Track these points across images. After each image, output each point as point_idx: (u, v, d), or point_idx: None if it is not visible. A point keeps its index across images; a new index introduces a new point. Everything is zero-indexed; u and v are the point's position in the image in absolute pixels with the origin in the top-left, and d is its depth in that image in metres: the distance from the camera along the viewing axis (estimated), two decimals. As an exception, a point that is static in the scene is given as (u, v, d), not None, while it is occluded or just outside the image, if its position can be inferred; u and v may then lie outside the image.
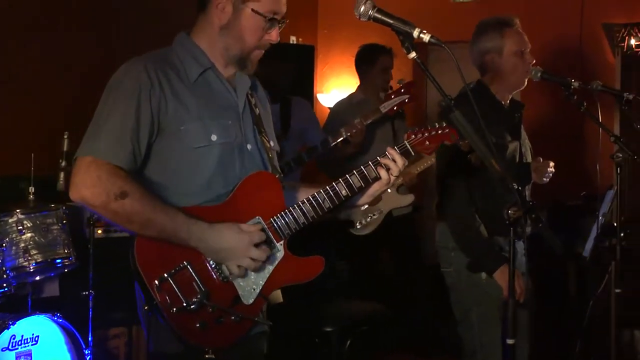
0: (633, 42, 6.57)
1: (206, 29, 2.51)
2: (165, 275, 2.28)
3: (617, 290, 3.64)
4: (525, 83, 3.73)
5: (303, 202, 2.46)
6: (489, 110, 3.41)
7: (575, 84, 3.53)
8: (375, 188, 2.59)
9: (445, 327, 4.64)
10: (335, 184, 2.50)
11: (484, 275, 3.57)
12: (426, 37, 2.27)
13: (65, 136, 4.44)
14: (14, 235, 4.05)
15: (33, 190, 4.21)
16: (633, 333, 5.40)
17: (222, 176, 2.42)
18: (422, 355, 5.78)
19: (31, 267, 4.06)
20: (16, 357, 3.92)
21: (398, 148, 2.57)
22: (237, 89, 2.55)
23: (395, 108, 4.55)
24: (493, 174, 2.30)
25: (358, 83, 5.82)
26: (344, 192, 2.50)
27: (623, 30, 6.62)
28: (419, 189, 5.67)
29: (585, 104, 3.49)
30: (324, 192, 2.48)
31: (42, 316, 4.01)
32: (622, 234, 3.58)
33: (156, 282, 2.27)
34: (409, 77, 6.38)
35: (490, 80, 3.72)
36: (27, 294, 4.20)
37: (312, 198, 2.47)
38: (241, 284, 2.37)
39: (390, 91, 4.73)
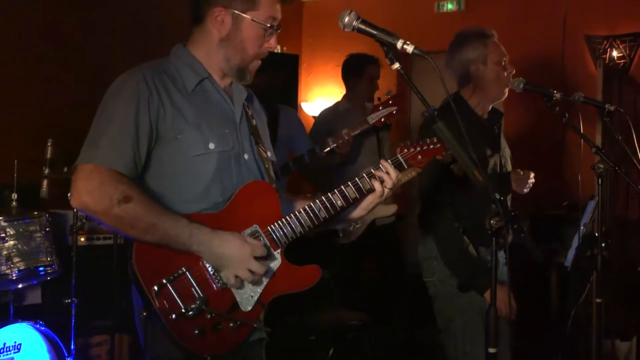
0: (615, 53, 6.63)
1: (204, 41, 2.52)
2: (164, 281, 2.27)
3: (598, 300, 3.65)
4: (506, 94, 3.75)
5: (299, 212, 2.47)
6: (467, 124, 3.42)
7: (557, 95, 3.54)
8: (369, 200, 2.61)
9: (429, 336, 4.65)
10: (331, 195, 2.52)
11: None
12: (410, 48, 2.27)
13: (49, 144, 4.44)
14: (-4, 243, 4.03)
15: (16, 198, 4.20)
16: (614, 343, 5.42)
17: (219, 184, 2.43)
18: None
19: (14, 275, 4.03)
20: (-2, 365, 3.90)
21: (391, 161, 2.59)
22: (234, 99, 2.57)
23: (382, 119, 4.56)
24: (475, 185, 2.31)
25: (343, 92, 5.83)
26: (339, 202, 2.52)
27: (605, 42, 6.68)
28: (402, 198, 5.68)
29: (567, 115, 3.51)
30: (319, 202, 2.50)
31: (25, 324, 4.00)
32: (603, 244, 3.59)
33: (155, 287, 2.25)
34: (394, 87, 6.42)
35: (471, 91, 3.74)
36: (9, 302, 4.17)
37: (309, 208, 2.48)
38: (239, 291, 2.37)
39: (378, 102, 4.74)
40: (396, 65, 2.31)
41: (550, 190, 3.87)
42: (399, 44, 2.28)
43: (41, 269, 4.17)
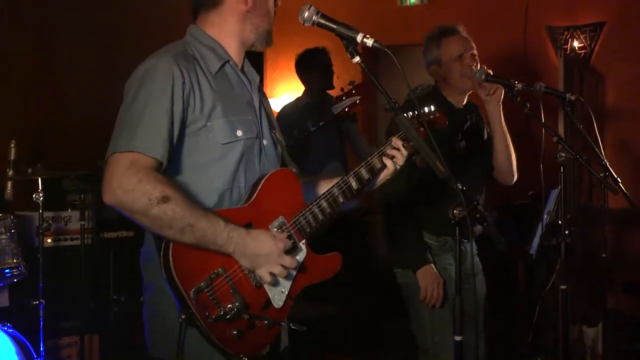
0: (576, 44, 6.70)
1: (223, 20, 2.50)
2: (202, 284, 2.21)
3: (563, 287, 3.70)
4: (471, 85, 3.78)
5: (319, 200, 2.46)
6: None
7: (518, 85, 3.57)
8: (380, 177, 2.64)
9: (400, 327, 4.66)
10: (348, 178, 2.52)
11: None
12: (369, 42, 2.29)
13: (12, 145, 4.40)
14: (-39, 246, 4.00)
15: (-21, 200, 4.16)
16: (581, 328, 5.49)
17: (243, 172, 2.40)
18: (373, 354, 5.80)
19: (-21, 278, 4.01)
20: (-35, 369, 3.86)
21: (398, 136, 2.59)
22: (252, 82, 2.56)
23: (346, 109, 4.57)
24: (438, 175, 2.33)
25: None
26: (355, 185, 2.52)
27: (566, 33, 6.75)
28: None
29: (528, 105, 3.53)
30: (337, 187, 2.49)
31: (-8, 327, 3.96)
32: (566, 232, 3.64)
33: (192, 291, 2.19)
34: (359, 80, 6.42)
35: (441, 85, 3.82)
36: (-24, 305, 4.14)
37: (328, 194, 2.48)
38: (272, 287, 2.34)
39: (341, 93, 4.76)
40: (356, 59, 2.33)
41: (516, 181, 3.89)
42: (359, 38, 2.30)
43: (7, 271, 4.13)
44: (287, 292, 2.37)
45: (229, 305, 2.23)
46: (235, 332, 2.25)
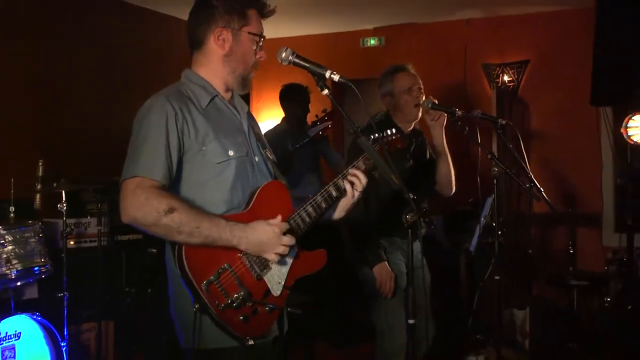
0: (506, 78, 6.76)
1: (208, 60, 2.46)
2: (212, 277, 2.20)
3: (497, 277, 3.72)
4: (419, 114, 3.80)
5: (306, 205, 2.44)
6: None
7: (459, 112, 3.59)
8: (344, 202, 2.57)
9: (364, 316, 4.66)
10: (327, 187, 2.49)
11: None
12: (336, 77, 2.28)
13: (40, 163, 4.39)
14: (-3, 248, 3.96)
15: (13, 210, 4.12)
16: (512, 312, 5.52)
17: (240, 185, 2.38)
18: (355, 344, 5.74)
19: (13, 275, 3.96)
20: (1, 351, 3.81)
21: (354, 165, 2.54)
22: (240, 111, 2.53)
23: (320, 133, 4.59)
24: (393, 187, 2.34)
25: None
26: (334, 193, 2.49)
27: (498, 69, 6.81)
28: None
29: (467, 128, 3.56)
30: (320, 195, 2.46)
31: (23, 315, 3.92)
32: (499, 232, 3.67)
33: (204, 283, 2.19)
34: (329, 108, 6.43)
35: (392, 114, 3.83)
36: (10, 297, 4.08)
37: (313, 201, 2.45)
38: (270, 279, 2.33)
39: (315, 119, 4.78)
40: (325, 92, 2.32)
41: (458, 190, 3.91)
42: (327, 74, 2.29)
43: (36, 268, 4.09)
44: (283, 283, 2.36)
45: (235, 295, 2.22)
46: (241, 318, 2.24)
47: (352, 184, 2.51)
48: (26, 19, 5.46)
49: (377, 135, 2.55)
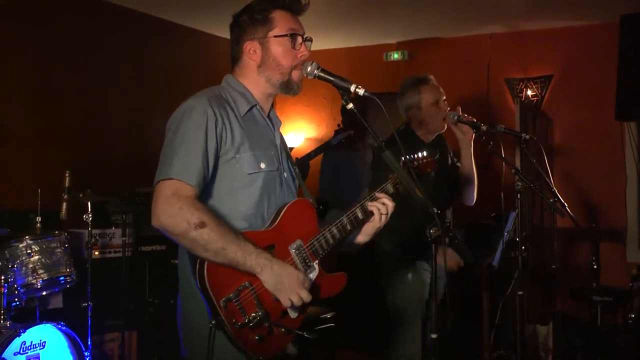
0: (529, 92, 6.72)
1: (246, 73, 2.44)
2: (231, 295, 2.15)
3: (520, 292, 3.68)
4: (445, 126, 3.79)
5: (330, 226, 2.40)
6: (412, 147, 3.47)
7: (483, 127, 3.58)
8: (369, 226, 2.52)
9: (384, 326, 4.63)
10: (354, 209, 2.45)
11: (410, 276, 3.64)
12: (361, 91, 2.27)
13: (67, 174, 4.41)
14: (23, 258, 3.98)
15: (40, 220, 4.15)
16: (535, 327, 5.45)
17: (266, 198, 2.34)
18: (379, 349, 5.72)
19: (38, 284, 4.00)
20: (26, 360, 3.84)
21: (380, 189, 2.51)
22: (274, 125, 2.51)
23: (342, 140, 4.66)
24: (417, 201, 2.32)
25: (309, 128, 5.85)
26: (360, 215, 2.45)
27: (521, 84, 6.77)
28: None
29: (491, 143, 3.54)
30: (345, 217, 2.43)
31: (48, 325, 3.93)
32: (522, 247, 3.62)
33: (223, 300, 2.14)
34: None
35: (417, 125, 3.81)
36: (35, 306, 4.12)
37: (338, 222, 2.41)
38: None
39: (337, 128, 4.85)
40: (350, 105, 2.31)
41: (481, 204, 3.89)
42: (352, 88, 2.28)
43: (61, 278, 4.12)
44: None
45: (253, 314, 2.17)
46: (257, 337, 2.19)
47: (378, 208, 2.48)
48: (65, 35, 5.55)
49: (407, 157, 2.52)
